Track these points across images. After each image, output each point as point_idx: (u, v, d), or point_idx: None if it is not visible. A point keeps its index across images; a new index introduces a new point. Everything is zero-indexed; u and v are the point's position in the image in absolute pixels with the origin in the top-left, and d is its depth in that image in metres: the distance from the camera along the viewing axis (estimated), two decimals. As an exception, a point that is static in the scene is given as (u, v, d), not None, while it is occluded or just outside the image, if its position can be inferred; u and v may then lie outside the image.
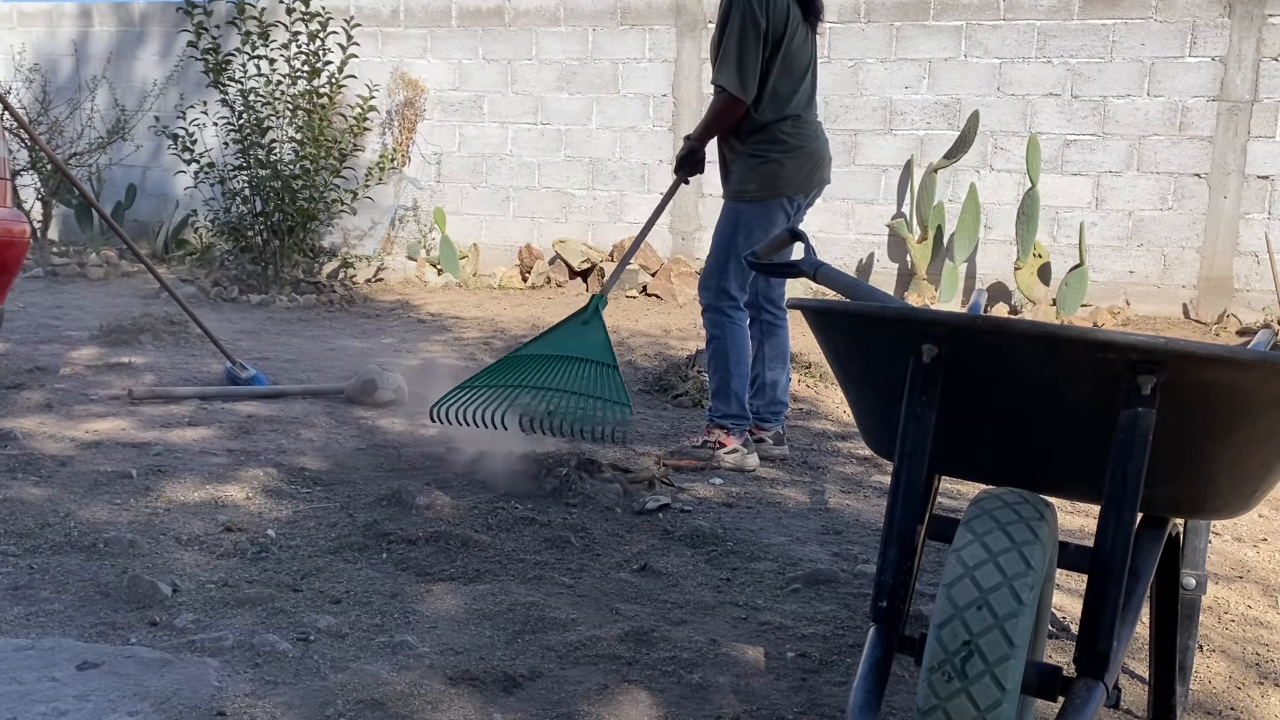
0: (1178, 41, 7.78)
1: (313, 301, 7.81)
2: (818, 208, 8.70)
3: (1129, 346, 1.39)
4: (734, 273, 3.73)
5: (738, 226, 3.72)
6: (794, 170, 3.73)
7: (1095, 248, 7.99)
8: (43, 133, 9.79)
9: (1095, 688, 1.44)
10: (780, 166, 3.71)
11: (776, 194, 3.72)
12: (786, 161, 3.72)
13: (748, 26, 3.61)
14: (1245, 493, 1.60)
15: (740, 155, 3.75)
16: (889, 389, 1.63)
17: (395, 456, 3.68)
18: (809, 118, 3.80)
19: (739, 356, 3.75)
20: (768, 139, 3.72)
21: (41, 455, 3.46)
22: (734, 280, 3.73)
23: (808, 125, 3.79)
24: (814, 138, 3.80)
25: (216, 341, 4.78)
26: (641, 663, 2.18)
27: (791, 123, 3.73)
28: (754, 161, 3.72)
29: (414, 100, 9.76)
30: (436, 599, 2.47)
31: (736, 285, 3.74)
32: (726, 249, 3.72)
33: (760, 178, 3.71)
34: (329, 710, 1.92)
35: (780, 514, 3.30)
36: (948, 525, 1.72)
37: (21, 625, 2.22)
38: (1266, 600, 2.80)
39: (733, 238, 3.72)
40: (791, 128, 3.73)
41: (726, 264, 3.73)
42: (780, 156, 3.71)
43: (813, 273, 2.24)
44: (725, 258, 3.73)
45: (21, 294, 7.49)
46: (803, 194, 3.78)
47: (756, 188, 3.72)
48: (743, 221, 3.72)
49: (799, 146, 3.74)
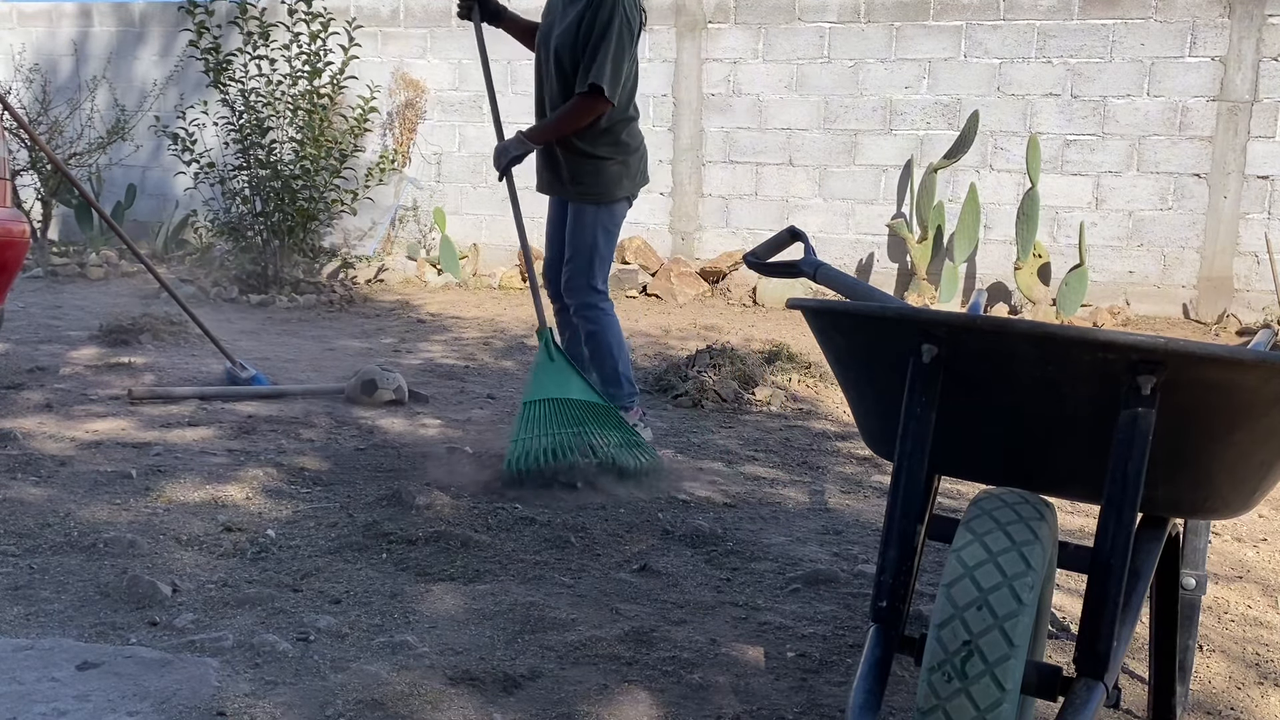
0: (1178, 41, 7.77)
1: (313, 301, 7.81)
2: (818, 207, 8.71)
3: (1129, 346, 1.39)
4: (599, 271, 3.86)
5: (597, 228, 3.84)
6: (634, 170, 3.89)
7: (1095, 248, 7.99)
8: (43, 133, 9.78)
9: (1095, 688, 1.44)
10: (625, 168, 3.85)
11: (624, 194, 3.88)
12: (630, 162, 3.86)
13: (624, 30, 3.66)
14: (1245, 493, 1.60)
15: (587, 158, 3.80)
16: (889, 389, 1.63)
17: (395, 456, 3.68)
18: (637, 119, 3.94)
19: (618, 342, 3.91)
20: (613, 142, 3.81)
21: (41, 455, 3.46)
22: (599, 277, 3.87)
23: (637, 126, 3.94)
24: (642, 139, 3.97)
25: (216, 341, 4.78)
26: (641, 663, 2.18)
27: (632, 125, 3.88)
28: (603, 164, 3.81)
29: (415, 101, 9.76)
30: (436, 599, 2.47)
31: (601, 281, 3.88)
32: (590, 251, 3.84)
33: (611, 180, 3.83)
34: (329, 710, 1.92)
35: (780, 514, 3.30)
36: (948, 525, 1.72)
37: (21, 625, 2.22)
38: (1266, 600, 2.80)
39: (594, 239, 3.83)
40: (631, 130, 3.87)
41: (591, 264, 3.85)
42: (625, 159, 3.85)
43: (813, 273, 2.24)
44: (590, 259, 3.84)
45: (21, 294, 7.49)
46: (637, 192, 3.94)
47: (609, 190, 3.84)
48: (601, 223, 3.85)
49: (636, 148, 3.89)
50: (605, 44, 3.62)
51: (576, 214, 3.85)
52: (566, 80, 3.76)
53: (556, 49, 3.76)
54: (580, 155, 3.80)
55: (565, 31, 3.72)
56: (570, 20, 3.71)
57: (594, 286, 3.86)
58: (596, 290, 3.86)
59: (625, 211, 3.93)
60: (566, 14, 3.75)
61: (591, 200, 3.83)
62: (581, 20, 3.67)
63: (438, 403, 4.61)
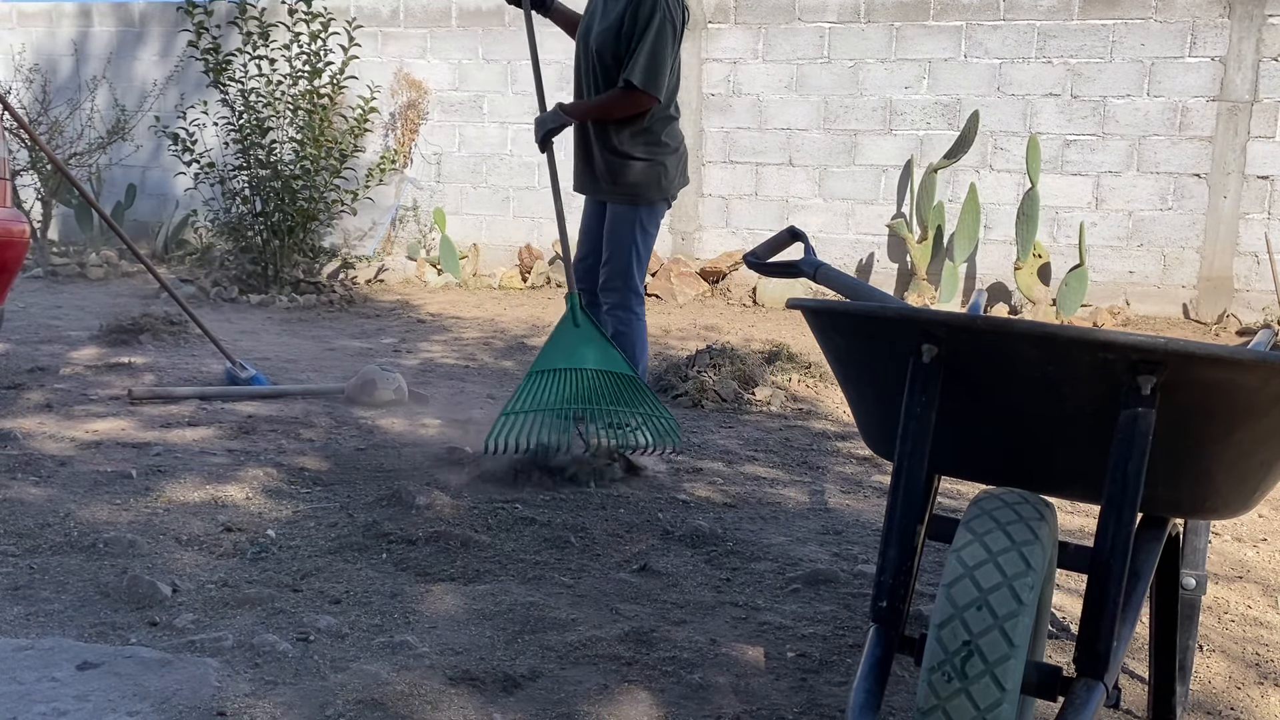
0: (1178, 41, 7.77)
1: (313, 301, 7.81)
2: (818, 207, 8.71)
3: (1129, 346, 1.39)
4: (637, 272, 3.86)
5: (635, 228, 3.83)
6: (675, 172, 3.89)
7: (1095, 248, 7.99)
8: (43, 133, 9.78)
9: (1095, 688, 1.44)
10: (666, 169, 3.85)
11: (665, 195, 3.87)
12: (670, 164, 3.86)
13: (667, 27, 3.66)
14: (1245, 493, 1.60)
15: (627, 159, 3.80)
16: (889, 389, 1.63)
17: (395, 456, 3.68)
18: (678, 119, 3.93)
19: (642, 345, 3.92)
20: (652, 141, 3.81)
21: (41, 455, 3.46)
22: (637, 278, 3.86)
23: (678, 127, 3.93)
24: (683, 139, 3.96)
25: (216, 341, 4.78)
26: (641, 663, 2.18)
27: (672, 125, 3.87)
28: (645, 165, 3.81)
29: (417, 102, 9.76)
30: (436, 599, 2.47)
31: (639, 281, 3.87)
32: (628, 252, 3.83)
33: (653, 181, 3.82)
34: (329, 710, 1.92)
35: (780, 514, 3.30)
36: (948, 525, 1.72)
37: (21, 625, 2.22)
38: (1266, 600, 2.80)
39: (633, 240, 3.83)
40: (672, 130, 3.87)
41: (629, 265, 3.84)
42: (666, 159, 3.84)
43: (813, 273, 2.24)
44: (628, 260, 3.83)
45: (21, 294, 7.49)
46: (676, 193, 3.94)
47: (651, 191, 3.83)
48: (640, 223, 3.84)
49: (676, 149, 3.88)
50: (646, 41, 3.62)
51: (615, 214, 3.84)
52: (609, 78, 3.76)
53: (597, 48, 3.76)
54: (618, 155, 3.79)
55: (606, 30, 3.72)
56: (612, 18, 3.71)
57: (631, 288, 3.84)
58: (634, 292, 3.85)
59: (664, 212, 3.93)
60: (608, 12, 3.74)
61: (628, 200, 3.82)
62: (623, 18, 3.67)
63: (438, 403, 4.61)
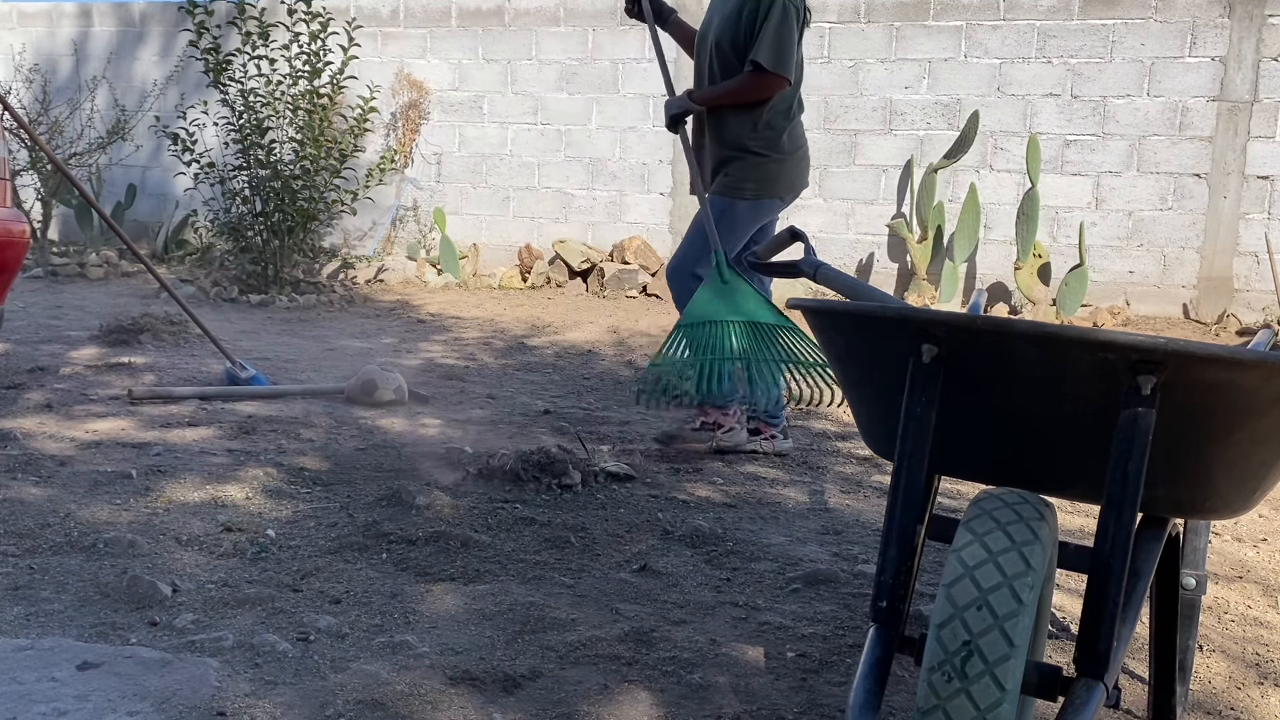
0: (1178, 41, 7.77)
1: (313, 302, 7.81)
2: (818, 207, 8.71)
3: (1129, 346, 1.39)
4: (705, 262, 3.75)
5: (721, 221, 3.73)
6: (790, 172, 3.81)
7: (1095, 248, 7.99)
8: (43, 133, 9.78)
9: (1095, 688, 1.44)
10: (780, 168, 3.78)
11: (771, 194, 3.80)
12: (785, 163, 3.80)
13: (790, 14, 3.66)
14: (1245, 493, 1.60)
15: (739, 152, 3.77)
16: (889, 389, 1.63)
17: (395, 456, 3.68)
18: (801, 120, 3.88)
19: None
20: (771, 138, 3.77)
21: (41, 455, 3.46)
22: (701, 265, 3.77)
23: (801, 128, 3.88)
24: (805, 141, 3.90)
25: (216, 341, 4.78)
26: (641, 663, 2.18)
27: (793, 125, 3.82)
28: (756, 159, 3.76)
29: (418, 102, 9.76)
30: (436, 599, 2.47)
31: (702, 269, 3.77)
32: (704, 241, 3.71)
33: (760, 176, 3.77)
34: (329, 710, 1.92)
35: (780, 514, 3.30)
36: (948, 525, 1.72)
37: (21, 625, 2.22)
38: (1266, 600, 2.80)
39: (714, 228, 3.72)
40: (792, 130, 3.82)
41: (702, 254, 3.73)
42: (780, 158, 3.79)
43: (813, 273, 2.24)
44: (702, 249, 3.73)
45: (21, 294, 7.49)
46: (791, 196, 3.87)
47: (754, 186, 3.78)
48: (730, 217, 3.76)
49: (795, 149, 3.83)
50: (771, 23, 3.62)
51: (711, 203, 3.77)
52: (728, 71, 3.75)
53: (717, 41, 3.76)
54: (732, 149, 3.77)
55: (726, 21, 3.73)
56: (730, 10, 3.72)
57: (693, 273, 3.76)
58: (694, 275, 3.75)
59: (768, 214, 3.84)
60: (726, 4, 3.76)
61: (736, 195, 3.77)
62: (743, 8, 3.68)
63: (438, 403, 4.61)
